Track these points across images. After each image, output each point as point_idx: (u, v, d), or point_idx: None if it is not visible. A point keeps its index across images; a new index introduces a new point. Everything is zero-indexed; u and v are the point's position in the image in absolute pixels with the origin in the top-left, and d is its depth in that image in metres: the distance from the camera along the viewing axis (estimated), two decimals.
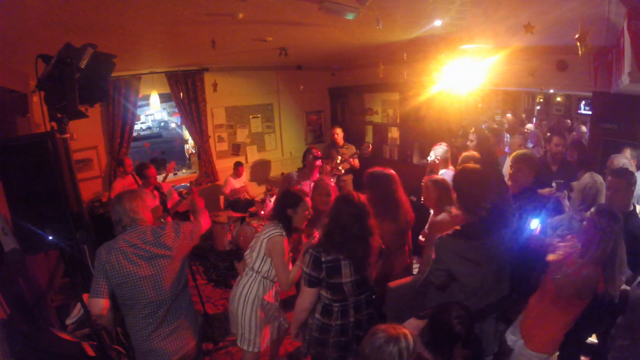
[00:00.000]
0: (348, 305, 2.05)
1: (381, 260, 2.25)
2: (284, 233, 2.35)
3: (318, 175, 3.94)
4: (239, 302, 2.38)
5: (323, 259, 1.96)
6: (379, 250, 2.12)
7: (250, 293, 2.37)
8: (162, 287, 2.00)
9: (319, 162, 3.80)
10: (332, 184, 3.08)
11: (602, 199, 2.53)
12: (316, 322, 2.08)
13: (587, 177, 2.61)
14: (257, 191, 6.18)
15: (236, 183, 5.42)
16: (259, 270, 2.38)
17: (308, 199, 2.47)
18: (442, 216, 2.58)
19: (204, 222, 2.34)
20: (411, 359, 1.42)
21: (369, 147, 4.77)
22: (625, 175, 2.38)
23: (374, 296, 2.23)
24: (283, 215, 2.39)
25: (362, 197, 2.04)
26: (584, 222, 2.01)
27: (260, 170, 6.53)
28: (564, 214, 2.57)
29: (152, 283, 1.97)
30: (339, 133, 5.49)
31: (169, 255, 2.03)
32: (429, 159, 3.74)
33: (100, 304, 1.88)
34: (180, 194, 3.96)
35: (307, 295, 2.04)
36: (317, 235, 2.33)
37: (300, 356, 3.19)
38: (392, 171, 2.73)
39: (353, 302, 2.06)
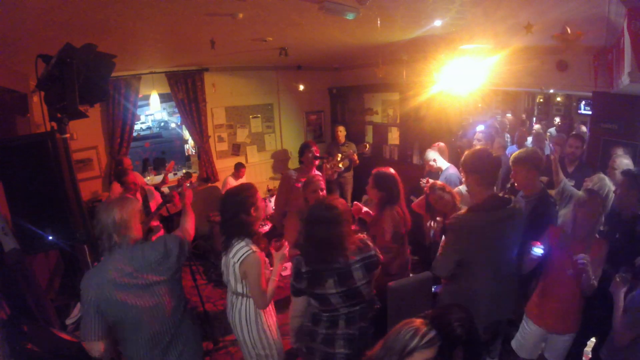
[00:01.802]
0: (338, 317, 1.94)
1: (379, 270, 2.12)
2: (254, 246, 2.05)
3: (316, 172, 3.93)
4: (243, 329, 2.16)
5: (303, 270, 1.87)
6: (377, 260, 1.99)
7: (249, 314, 2.15)
8: (165, 315, 1.83)
9: (317, 162, 3.80)
10: (322, 180, 3.07)
11: (610, 199, 2.57)
12: (305, 327, 2.03)
13: (596, 179, 2.64)
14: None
15: (235, 184, 5.42)
16: (244, 293, 2.13)
17: (256, 189, 2.21)
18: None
19: (190, 227, 2.18)
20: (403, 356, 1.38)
21: (366, 146, 4.92)
22: (627, 175, 2.41)
23: (375, 306, 2.11)
24: (241, 223, 2.05)
25: (337, 204, 1.90)
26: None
27: (260, 170, 6.53)
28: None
29: (154, 313, 1.79)
30: (341, 131, 5.84)
31: (167, 279, 1.83)
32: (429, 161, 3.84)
33: (98, 346, 1.70)
34: (163, 195, 3.82)
35: (296, 303, 2.01)
36: (287, 245, 2.23)
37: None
38: (393, 171, 2.72)
39: (345, 314, 1.94)
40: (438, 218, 2.80)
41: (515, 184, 2.69)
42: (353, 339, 1.95)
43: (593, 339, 2.57)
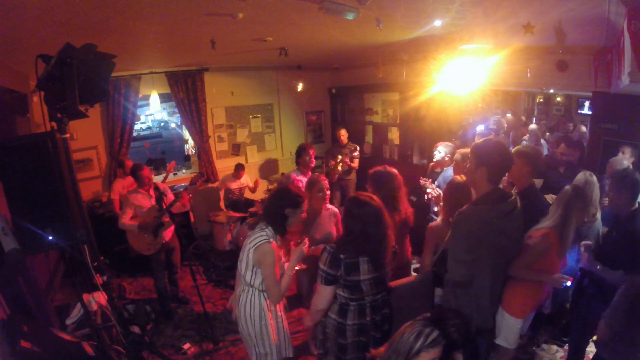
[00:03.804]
0: (365, 305, 2.02)
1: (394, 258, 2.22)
2: (273, 238, 2.15)
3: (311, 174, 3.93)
4: (247, 322, 2.20)
5: (342, 256, 1.93)
6: (393, 249, 2.13)
7: (254, 310, 2.19)
8: None
9: (314, 163, 3.81)
10: (327, 181, 3.05)
11: (596, 196, 2.60)
12: (331, 321, 2.05)
13: (581, 177, 2.67)
14: (257, 191, 6.18)
15: (232, 184, 5.41)
16: (253, 283, 2.18)
17: (306, 201, 2.34)
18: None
19: None
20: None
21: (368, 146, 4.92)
22: (614, 177, 2.45)
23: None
24: (279, 214, 2.17)
25: (376, 200, 2.01)
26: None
27: (260, 171, 6.54)
28: None
29: None
30: (343, 133, 5.68)
31: None
32: (437, 156, 3.78)
33: None
34: (176, 194, 3.96)
35: (323, 294, 2.00)
36: (307, 242, 2.28)
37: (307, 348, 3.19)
38: (394, 170, 2.70)
39: (370, 302, 2.03)
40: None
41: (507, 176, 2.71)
42: (378, 325, 2.07)
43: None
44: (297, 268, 2.33)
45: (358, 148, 5.63)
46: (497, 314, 2.24)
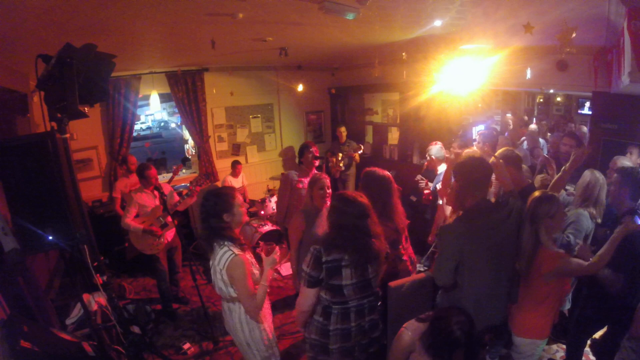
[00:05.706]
0: (349, 309, 1.97)
1: (387, 264, 2.18)
2: (236, 249, 2.01)
3: (316, 172, 3.95)
4: (244, 332, 2.13)
5: (324, 259, 1.89)
6: (385, 254, 2.07)
7: (249, 317, 2.13)
8: None
9: (317, 162, 3.80)
10: (328, 179, 3.04)
11: (603, 195, 2.57)
12: (315, 323, 2.02)
13: (588, 174, 2.65)
14: (257, 191, 6.19)
15: (235, 182, 5.41)
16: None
17: (237, 193, 2.16)
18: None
19: None
20: None
21: (360, 147, 5.40)
22: (620, 172, 2.45)
23: (379, 302, 2.15)
24: (221, 226, 2.03)
25: (363, 197, 1.98)
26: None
27: (260, 171, 6.54)
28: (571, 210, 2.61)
29: None
30: (342, 131, 6.10)
31: None
32: (432, 154, 3.79)
33: None
34: (180, 194, 3.98)
35: (306, 296, 1.97)
36: (279, 251, 2.19)
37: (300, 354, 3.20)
38: (388, 173, 2.65)
39: (355, 306, 1.98)
40: None
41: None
42: (365, 331, 2.03)
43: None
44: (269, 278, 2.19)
45: (355, 144, 6.02)
46: (524, 344, 2.16)
